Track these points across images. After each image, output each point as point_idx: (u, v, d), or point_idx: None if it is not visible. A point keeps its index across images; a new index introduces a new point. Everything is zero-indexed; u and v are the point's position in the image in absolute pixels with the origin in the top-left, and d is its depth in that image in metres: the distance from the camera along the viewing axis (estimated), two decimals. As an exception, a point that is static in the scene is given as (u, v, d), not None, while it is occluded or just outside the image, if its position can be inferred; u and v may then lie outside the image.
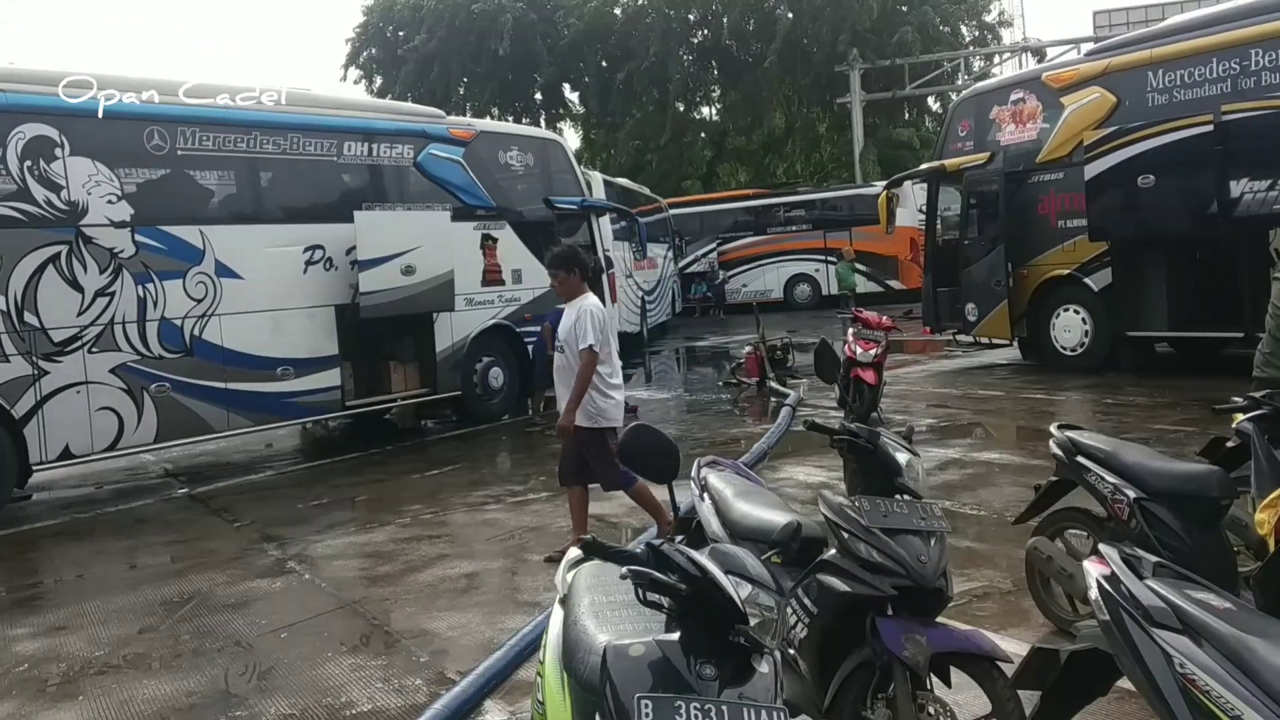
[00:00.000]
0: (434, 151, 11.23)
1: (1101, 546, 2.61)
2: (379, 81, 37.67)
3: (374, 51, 37.76)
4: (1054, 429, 4.47)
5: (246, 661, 4.74)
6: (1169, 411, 9.46)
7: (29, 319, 8.06)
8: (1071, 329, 12.30)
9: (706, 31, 36.68)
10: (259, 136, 9.66)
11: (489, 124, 16.54)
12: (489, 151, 12.03)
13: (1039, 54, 28.76)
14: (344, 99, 12.64)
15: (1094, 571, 2.53)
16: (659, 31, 33.90)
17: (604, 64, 36.20)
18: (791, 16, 33.49)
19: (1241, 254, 10.40)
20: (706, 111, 41.36)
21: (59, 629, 5.45)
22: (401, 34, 36.60)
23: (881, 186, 16.76)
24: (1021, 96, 12.80)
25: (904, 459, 3.36)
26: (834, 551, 3.17)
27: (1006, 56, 32.09)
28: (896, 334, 11.80)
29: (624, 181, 23.04)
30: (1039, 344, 12.83)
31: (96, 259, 8.45)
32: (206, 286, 9.15)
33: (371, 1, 37.52)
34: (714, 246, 27.81)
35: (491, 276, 11.76)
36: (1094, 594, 2.49)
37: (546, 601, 2.76)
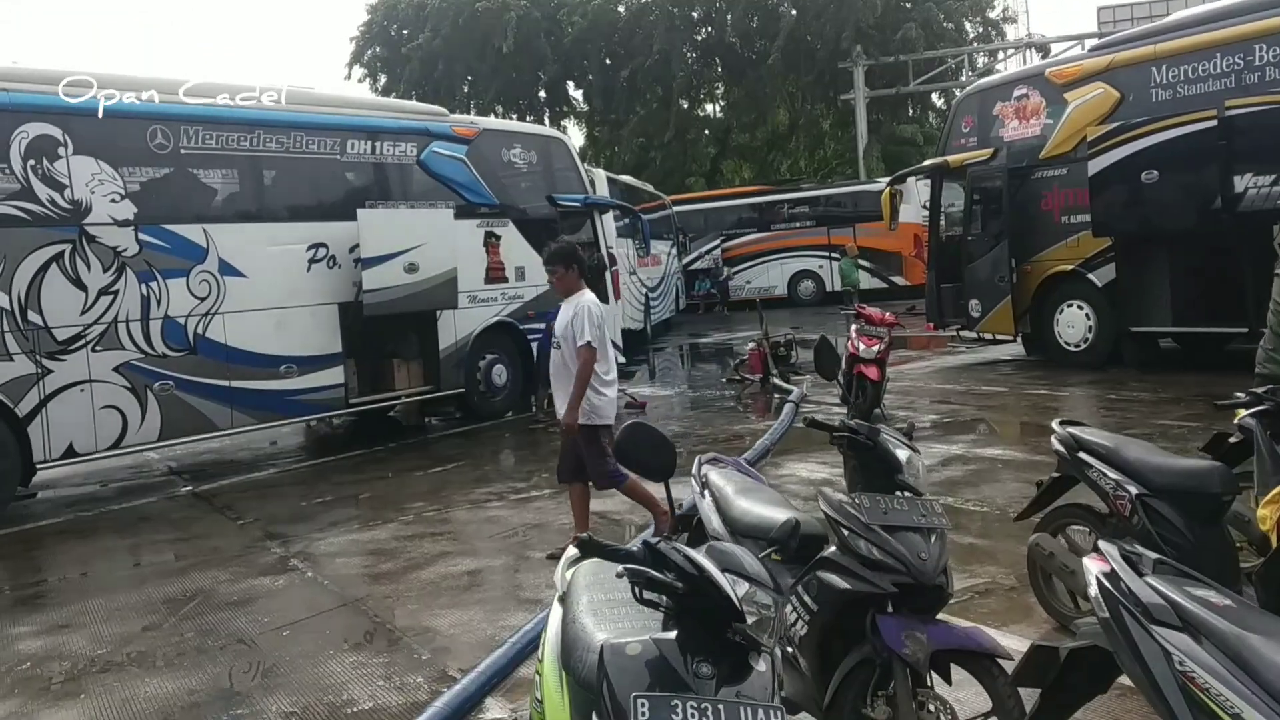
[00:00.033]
0: (437, 149, 11.23)
1: (1101, 543, 2.60)
2: (383, 80, 37.74)
3: (378, 50, 37.82)
4: (1056, 425, 4.46)
5: (249, 659, 4.75)
6: (1173, 407, 9.43)
7: (33, 318, 8.07)
8: (1075, 325, 12.27)
9: (710, 28, 36.68)
10: (262, 135, 9.67)
11: (492, 122, 16.55)
12: (492, 149, 12.02)
13: (1043, 50, 28.72)
14: (347, 97, 12.66)
15: (1093, 568, 2.52)
16: (662, 28, 33.92)
17: (608, 61, 36.20)
18: (795, 13, 33.49)
19: (1245, 249, 10.35)
20: (710, 108, 41.42)
21: (62, 627, 5.46)
22: (405, 32, 36.65)
23: (885, 183, 16.74)
24: (1025, 92, 12.77)
25: (904, 456, 3.36)
26: (834, 549, 3.16)
27: (1010, 53, 31.99)
28: (899, 330, 11.78)
29: (627, 179, 23.02)
30: (1043, 340, 12.80)
31: (100, 258, 8.47)
32: (210, 285, 9.16)
33: (375, 0, 37.55)
34: (718, 243, 27.78)
35: (495, 274, 11.76)
36: (1093, 591, 2.48)
37: (548, 599, 2.76)
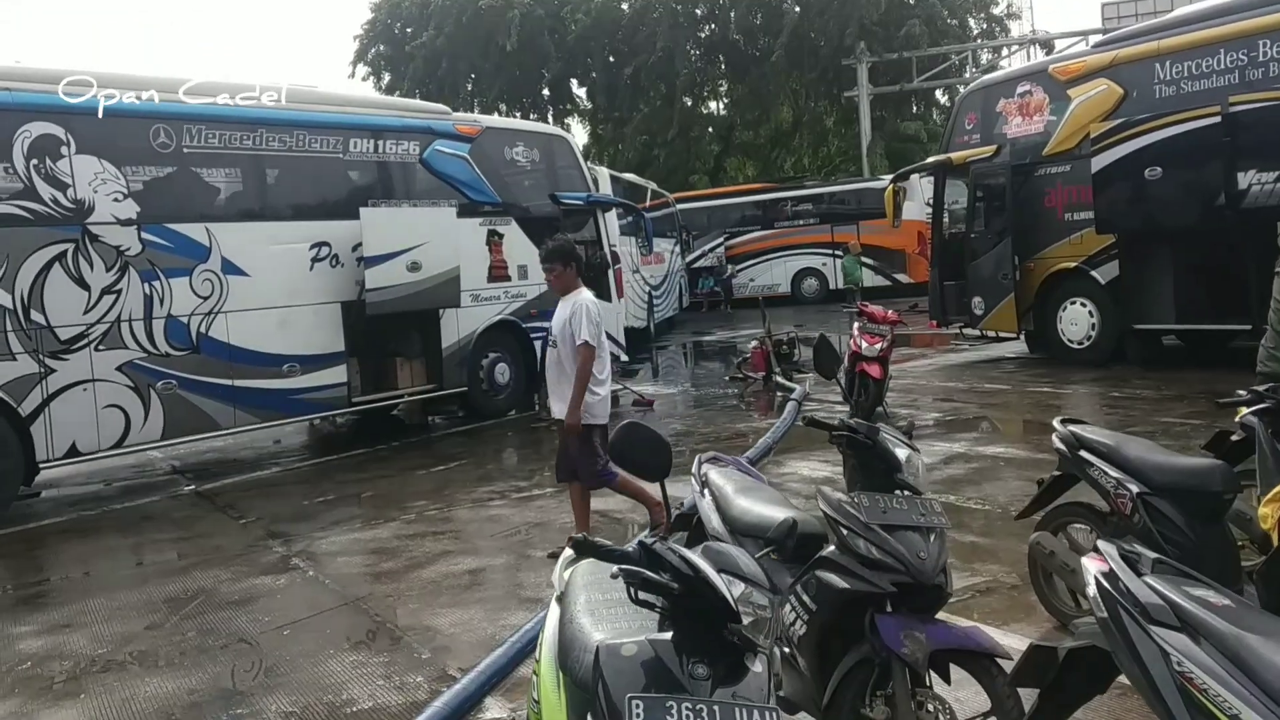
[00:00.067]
0: (440, 148, 11.21)
1: (1100, 543, 2.59)
2: (387, 78, 37.67)
3: (382, 48, 37.77)
4: (1057, 423, 4.44)
5: (250, 659, 4.75)
6: (1176, 405, 9.41)
7: (35, 317, 8.08)
8: (1078, 322, 12.24)
9: (713, 26, 36.60)
10: (265, 134, 9.67)
11: (495, 120, 16.55)
12: (495, 147, 12.00)
13: (1047, 46, 28.63)
14: (349, 96, 12.66)
15: (1092, 568, 2.51)
16: (666, 26, 33.86)
17: (611, 59, 36.15)
18: (798, 10, 33.41)
19: (1249, 246, 10.31)
20: (714, 106, 41.32)
21: (64, 626, 5.47)
22: (409, 30, 36.58)
23: (888, 180, 16.71)
24: (1028, 89, 12.73)
25: (903, 454, 3.35)
26: (833, 548, 3.15)
27: (1014, 49, 31.88)
28: (902, 328, 11.76)
29: (631, 176, 23.00)
30: (1046, 337, 12.77)
31: (103, 257, 8.47)
32: (213, 284, 9.16)
33: (379, -2, 37.58)
34: (721, 241, 27.72)
35: (497, 272, 11.74)
36: (1091, 591, 2.47)
37: (549, 598, 2.76)
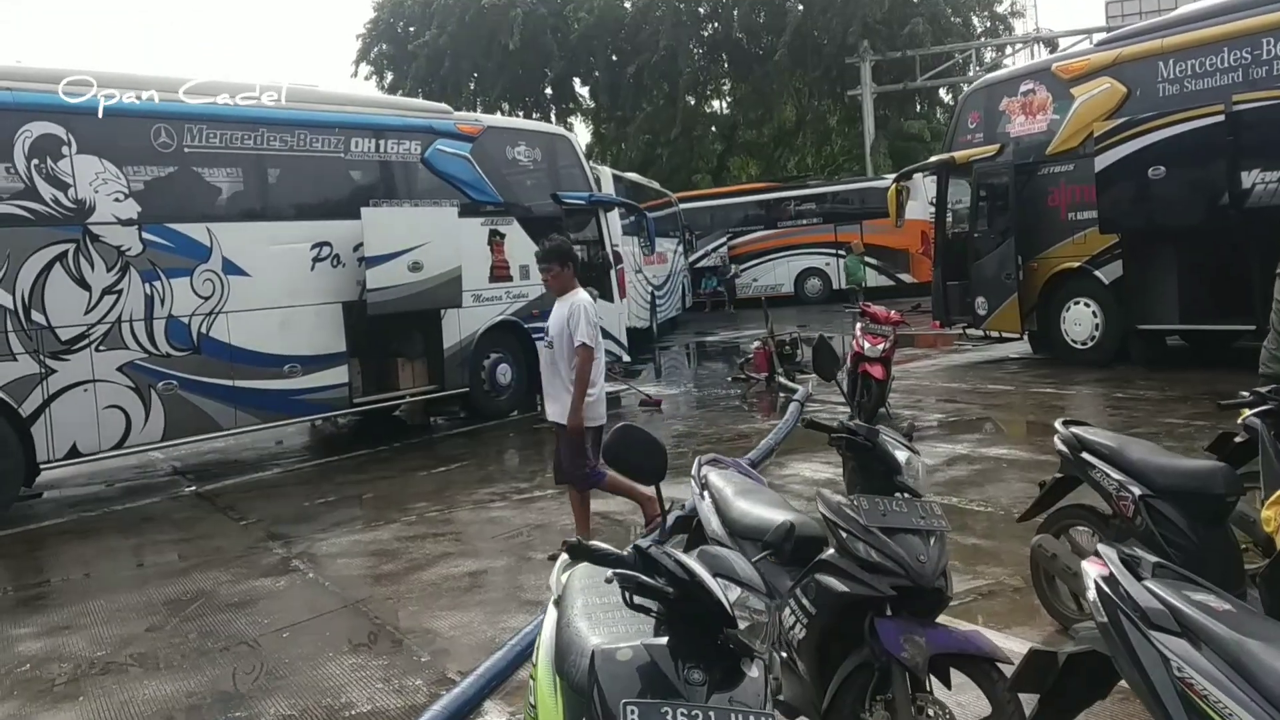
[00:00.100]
0: (441, 147, 11.20)
1: (1100, 547, 2.56)
2: (390, 77, 37.64)
3: (384, 47, 37.76)
4: (1059, 425, 4.41)
5: (249, 661, 4.74)
6: (1179, 405, 9.37)
7: (36, 317, 8.08)
8: (1082, 322, 12.20)
9: (716, 24, 36.57)
10: (266, 133, 9.66)
11: (496, 119, 16.53)
12: (496, 147, 11.98)
13: (1051, 44, 28.58)
14: (350, 95, 12.63)
15: (1092, 572, 2.49)
16: (669, 25, 33.83)
17: (614, 58, 36.12)
18: (802, 9, 33.39)
19: (1253, 245, 10.27)
20: (717, 105, 41.29)
21: (63, 628, 5.46)
22: (412, 29, 36.56)
23: (892, 179, 16.67)
24: (1031, 88, 12.69)
25: (903, 457, 3.32)
26: (832, 551, 3.13)
27: (1018, 48, 31.84)
28: (905, 329, 11.73)
29: (633, 176, 22.97)
30: (1049, 337, 12.73)
31: (103, 257, 8.47)
32: (214, 284, 9.16)
33: (381, -3, 37.57)
34: (724, 241, 27.68)
35: (499, 273, 11.72)
36: (1092, 595, 2.45)
37: (547, 601, 2.75)
